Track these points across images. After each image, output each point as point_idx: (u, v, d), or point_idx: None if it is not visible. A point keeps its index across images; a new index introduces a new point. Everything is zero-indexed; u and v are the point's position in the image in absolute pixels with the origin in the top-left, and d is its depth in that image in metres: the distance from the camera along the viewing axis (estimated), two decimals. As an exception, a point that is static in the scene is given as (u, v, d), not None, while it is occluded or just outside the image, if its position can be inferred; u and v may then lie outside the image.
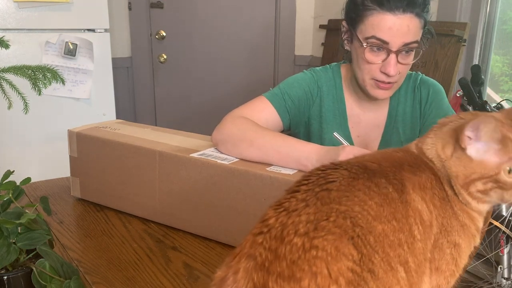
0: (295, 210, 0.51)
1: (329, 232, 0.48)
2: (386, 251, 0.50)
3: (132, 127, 1.24)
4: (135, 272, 0.88)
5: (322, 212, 0.50)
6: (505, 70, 2.46)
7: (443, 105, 1.21)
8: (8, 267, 0.74)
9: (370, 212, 0.51)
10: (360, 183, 0.54)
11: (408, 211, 0.54)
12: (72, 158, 1.19)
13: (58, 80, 0.90)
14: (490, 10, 2.36)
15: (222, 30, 3.00)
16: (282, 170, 0.95)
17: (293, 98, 1.21)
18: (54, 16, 2.04)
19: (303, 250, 0.46)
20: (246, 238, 0.51)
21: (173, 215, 1.06)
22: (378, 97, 1.15)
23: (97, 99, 2.20)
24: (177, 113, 2.98)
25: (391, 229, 0.52)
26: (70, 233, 1.04)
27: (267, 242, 0.48)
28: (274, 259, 0.47)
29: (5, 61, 1.92)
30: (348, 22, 1.15)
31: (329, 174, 0.55)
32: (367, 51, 1.09)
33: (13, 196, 0.82)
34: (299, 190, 0.54)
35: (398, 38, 1.05)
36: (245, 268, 0.48)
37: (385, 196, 0.54)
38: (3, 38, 0.85)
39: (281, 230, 0.49)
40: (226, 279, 0.49)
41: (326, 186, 0.53)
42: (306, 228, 0.48)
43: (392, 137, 1.23)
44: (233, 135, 1.07)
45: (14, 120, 2.01)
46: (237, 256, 0.50)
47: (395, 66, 1.08)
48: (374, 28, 1.06)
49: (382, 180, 0.55)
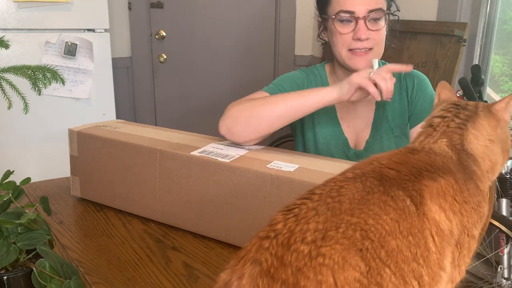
0: (304, 217, 0.50)
1: (337, 242, 0.47)
2: (400, 266, 0.49)
3: (132, 126, 1.24)
4: (135, 272, 0.88)
5: (331, 222, 0.49)
6: (505, 70, 2.45)
7: (428, 92, 1.27)
8: (8, 267, 0.74)
9: (384, 226, 0.50)
10: (376, 197, 0.53)
11: (425, 224, 0.54)
12: (73, 157, 1.19)
13: (58, 80, 0.89)
14: (490, 10, 2.36)
15: (222, 30, 3.00)
16: (283, 167, 0.95)
17: (288, 90, 1.26)
18: (54, 16, 2.04)
19: (309, 258, 0.46)
20: (252, 241, 0.51)
21: (173, 214, 1.06)
22: (357, 66, 1.19)
23: (97, 99, 2.20)
24: (177, 113, 2.98)
25: (406, 244, 0.51)
26: (70, 233, 1.04)
27: (273, 248, 0.48)
28: (280, 266, 0.46)
29: (5, 61, 1.92)
30: (319, 11, 1.25)
31: (342, 187, 0.55)
32: (337, 24, 1.18)
33: (13, 196, 0.82)
34: (310, 198, 0.53)
35: (362, 6, 1.15)
36: (250, 274, 0.47)
37: (402, 211, 0.53)
38: (3, 38, 0.85)
39: (288, 237, 0.48)
40: (231, 283, 0.48)
41: (338, 198, 0.53)
42: (314, 236, 0.48)
43: (382, 124, 1.27)
44: (243, 110, 1.12)
45: (14, 120, 2.01)
46: (242, 259, 0.49)
47: (366, 31, 1.16)
48: (339, 3, 1.17)
49: (400, 193, 0.54)
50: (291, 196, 0.91)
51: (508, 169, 2.02)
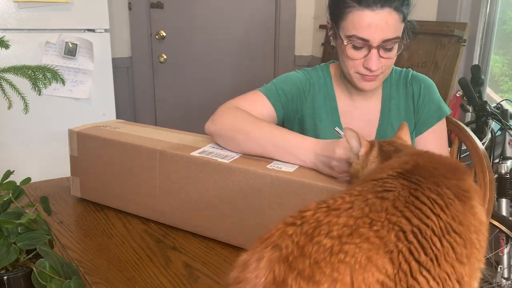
0: (337, 209, 0.49)
1: (367, 240, 0.46)
2: (442, 268, 0.48)
3: (132, 126, 1.24)
4: (135, 272, 0.88)
5: (366, 218, 0.48)
6: (505, 70, 2.46)
7: (435, 99, 1.23)
8: (8, 267, 0.74)
9: (432, 226, 0.49)
10: (425, 194, 0.52)
11: (471, 220, 0.53)
12: (73, 157, 1.19)
13: (58, 80, 0.89)
14: (490, 10, 2.36)
15: (222, 30, 3.00)
16: (283, 168, 0.95)
17: (287, 94, 1.23)
18: (54, 16, 2.03)
19: (329, 253, 0.45)
20: (277, 226, 0.50)
21: (173, 214, 1.06)
22: (365, 88, 1.17)
23: (97, 99, 2.20)
24: (177, 113, 2.98)
25: (453, 245, 0.49)
26: (70, 233, 1.04)
27: (296, 236, 0.47)
28: (299, 256, 0.46)
29: (5, 61, 1.92)
30: (332, 18, 1.17)
31: (386, 183, 0.53)
32: (349, 48, 1.11)
33: (13, 196, 0.82)
34: (350, 193, 0.52)
35: (377, 35, 1.07)
36: (269, 258, 0.47)
37: (449, 209, 0.51)
38: (3, 38, 0.85)
39: (314, 228, 0.47)
40: (249, 264, 0.48)
41: (381, 194, 0.51)
42: (341, 231, 0.47)
43: (387, 132, 1.24)
44: (229, 126, 1.08)
45: (14, 120, 2.01)
46: (264, 242, 0.49)
47: (377, 61, 1.10)
48: (355, 26, 1.08)
49: (447, 191, 0.53)
50: (291, 197, 0.92)
51: (508, 169, 2.02)
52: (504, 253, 1.99)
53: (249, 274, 0.47)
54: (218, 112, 1.14)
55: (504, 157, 2.03)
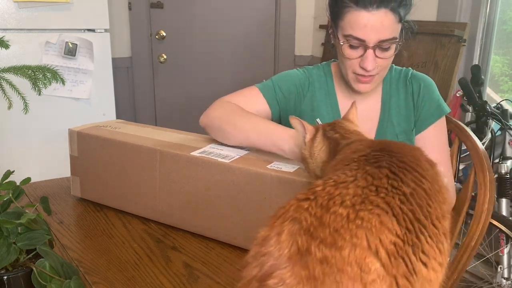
0: (344, 182, 0.52)
1: (377, 206, 0.49)
2: (435, 224, 0.52)
3: (132, 126, 1.24)
4: (135, 272, 0.88)
5: (371, 187, 0.51)
6: (505, 70, 2.46)
7: (434, 97, 1.24)
8: (8, 267, 0.74)
9: (425, 189, 0.54)
10: (408, 160, 0.57)
11: (440, 183, 0.59)
12: (73, 157, 1.19)
13: (58, 80, 0.90)
14: (490, 10, 2.36)
15: (222, 30, 3.00)
16: (283, 168, 0.95)
17: (284, 91, 1.24)
18: (54, 16, 2.04)
19: (347, 220, 0.48)
20: (290, 203, 0.52)
21: (173, 214, 1.06)
22: (360, 90, 1.18)
23: (97, 99, 2.20)
24: (177, 113, 2.98)
25: (439, 203, 0.54)
26: (70, 233, 1.04)
27: (312, 208, 0.49)
28: (319, 226, 0.48)
29: (5, 61, 1.92)
30: (331, 17, 1.18)
31: (375, 155, 0.58)
32: (346, 47, 1.12)
33: (13, 196, 0.82)
34: (349, 168, 0.56)
35: (373, 35, 1.08)
36: (290, 231, 0.48)
37: (428, 174, 0.57)
38: (3, 38, 0.85)
39: (328, 199, 0.50)
40: (269, 238, 0.49)
41: (377, 163, 0.55)
42: (353, 200, 0.49)
43: (387, 129, 1.25)
44: (219, 118, 1.12)
45: (14, 120, 2.01)
46: (280, 217, 0.51)
47: (373, 61, 1.10)
48: (351, 26, 1.09)
49: (422, 159, 0.60)
50: (291, 197, 0.91)
51: (508, 169, 2.02)
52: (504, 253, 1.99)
53: (271, 248, 0.48)
54: (212, 105, 1.18)
55: (504, 157, 2.04)
